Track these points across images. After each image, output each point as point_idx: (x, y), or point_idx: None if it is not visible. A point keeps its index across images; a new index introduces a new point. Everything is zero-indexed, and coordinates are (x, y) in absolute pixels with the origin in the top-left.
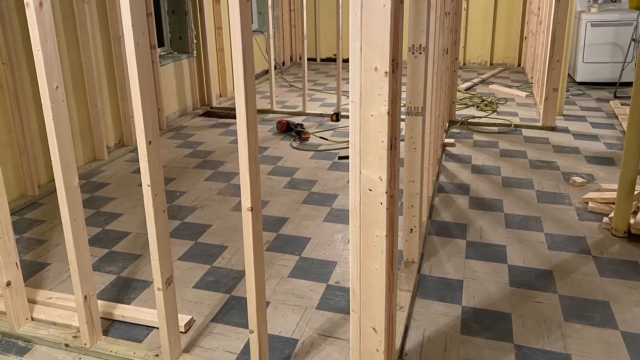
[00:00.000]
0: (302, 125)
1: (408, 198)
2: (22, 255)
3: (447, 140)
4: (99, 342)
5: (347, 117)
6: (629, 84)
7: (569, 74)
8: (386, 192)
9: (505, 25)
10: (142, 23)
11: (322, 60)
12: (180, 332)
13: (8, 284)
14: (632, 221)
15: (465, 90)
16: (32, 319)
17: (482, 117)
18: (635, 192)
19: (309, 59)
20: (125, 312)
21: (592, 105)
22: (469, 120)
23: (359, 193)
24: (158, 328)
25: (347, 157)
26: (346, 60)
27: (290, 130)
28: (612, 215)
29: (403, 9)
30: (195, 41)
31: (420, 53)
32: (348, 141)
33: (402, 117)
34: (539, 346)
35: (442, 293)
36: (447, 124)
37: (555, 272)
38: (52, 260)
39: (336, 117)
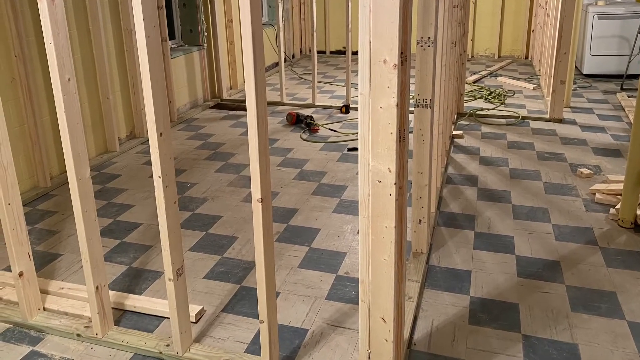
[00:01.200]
0: (311, 117)
1: (417, 189)
2: (35, 246)
3: (455, 132)
4: (111, 332)
5: (357, 109)
6: (636, 76)
7: (576, 67)
8: (395, 184)
9: (513, 18)
10: (153, 16)
11: (331, 52)
12: (191, 322)
13: (20, 274)
14: (638, 212)
15: (474, 82)
16: (44, 309)
17: (490, 109)
18: None
19: (318, 52)
20: (136, 302)
21: (599, 97)
22: (477, 113)
23: (368, 184)
24: (169, 318)
25: (356, 149)
26: (355, 53)
27: (300, 122)
28: (618, 206)
29: (412, 2)
30: (205, 34)
31: (428, 46)
32: (357, 133)
33: (411, 109)
34: (547, 336)
35: (450, 283)
36: (456, 116)
37: (563, 262)
38: (64, 251)
39: (345, 109)
